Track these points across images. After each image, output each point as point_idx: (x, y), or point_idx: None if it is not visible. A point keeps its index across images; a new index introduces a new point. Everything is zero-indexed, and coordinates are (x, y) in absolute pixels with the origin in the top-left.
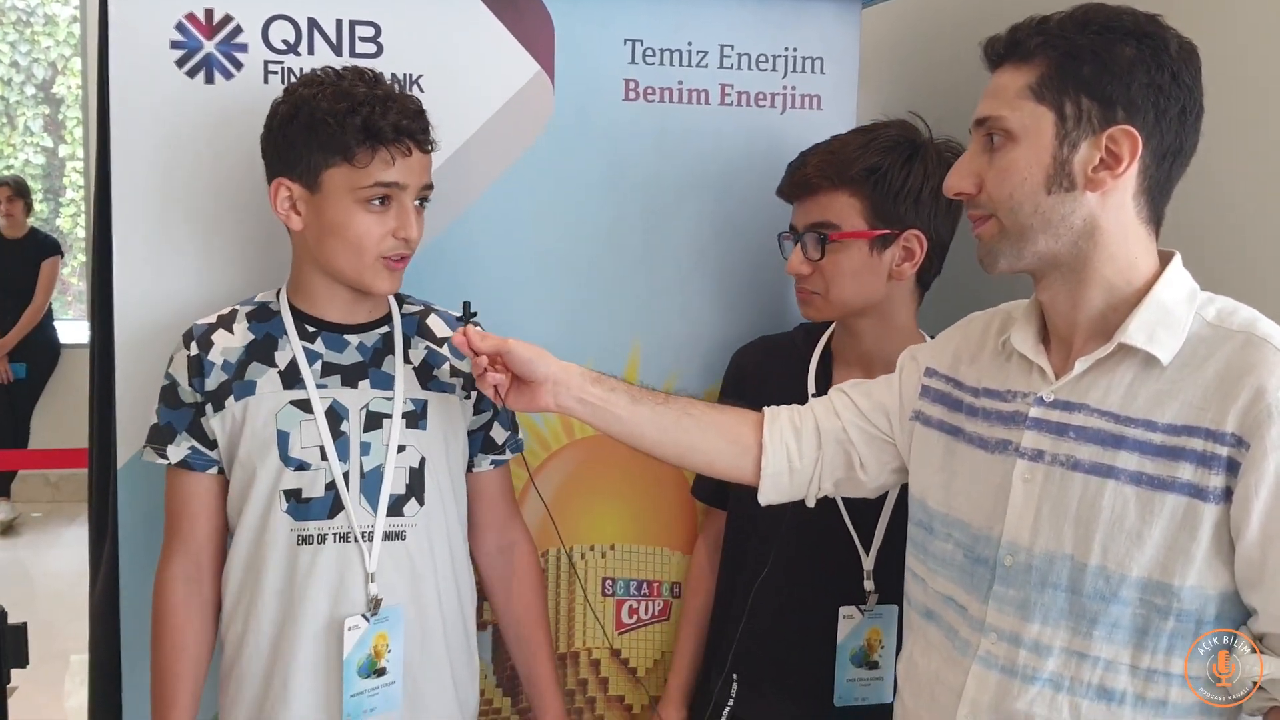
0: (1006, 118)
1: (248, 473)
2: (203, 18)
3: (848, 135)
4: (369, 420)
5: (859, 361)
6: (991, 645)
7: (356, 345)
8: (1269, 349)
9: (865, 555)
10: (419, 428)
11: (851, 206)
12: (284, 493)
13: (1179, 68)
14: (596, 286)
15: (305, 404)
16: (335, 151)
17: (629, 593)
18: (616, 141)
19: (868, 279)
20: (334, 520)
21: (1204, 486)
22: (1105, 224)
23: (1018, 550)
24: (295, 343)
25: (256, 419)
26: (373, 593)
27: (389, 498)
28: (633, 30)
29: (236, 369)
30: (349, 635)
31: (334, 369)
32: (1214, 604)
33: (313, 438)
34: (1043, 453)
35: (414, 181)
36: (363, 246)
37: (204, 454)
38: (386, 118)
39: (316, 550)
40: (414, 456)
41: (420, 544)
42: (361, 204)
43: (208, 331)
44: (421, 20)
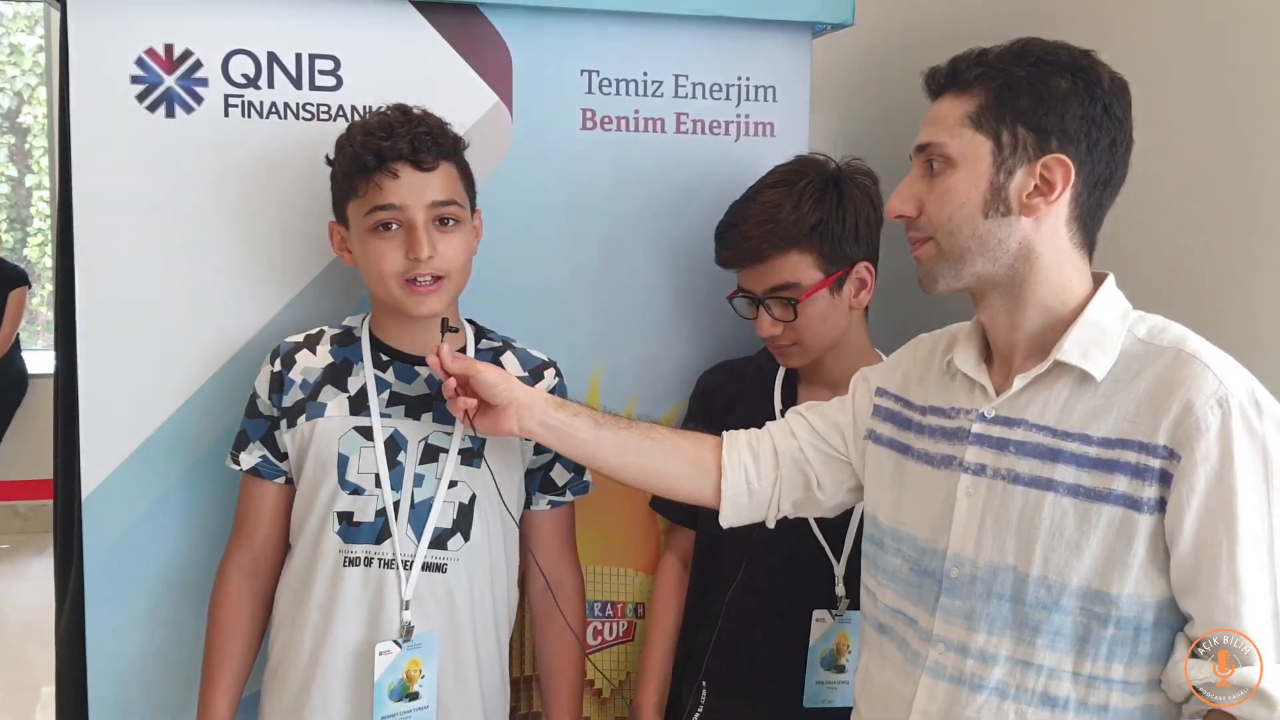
0: (946, 144)
1: (309, 492)
2: (163, 52)
3: (774, 197)
4: (426, 453)
5: (822, 381)
6: (940, 655)
7: (426, 378)
8: (1197, 364)
9: (836, 562)
10: (473, 465)
11: (805, 262)
12: (337, 514)
13: (1111, 100)
14: (557, 311)
15: (367, 431)
16: (346, 186)
17: (593, 614)
18: (574, 170)
19: (834, 319)
20: (380, 546)
21: (1138, 497)
22: (1040, 248)
23: (963, 562)
24: (368, 370)
25: (321, 440)
26: (406, 620)
27: (434, 530)
28: (589, 61)
29: (313, 389)
30: (380, 659)
31: (400, 399)
32: (1151, 611)
33: (370, 464)
34: (985, 467)
35: (414, 200)
36: (381, 272)
37: (273, 464)
38: (369, 146)
39: (363, 574)
40: (465, 492)
41: (460, 578)
42: (371, 231)
43: (293, 350)
44: (380, 53)
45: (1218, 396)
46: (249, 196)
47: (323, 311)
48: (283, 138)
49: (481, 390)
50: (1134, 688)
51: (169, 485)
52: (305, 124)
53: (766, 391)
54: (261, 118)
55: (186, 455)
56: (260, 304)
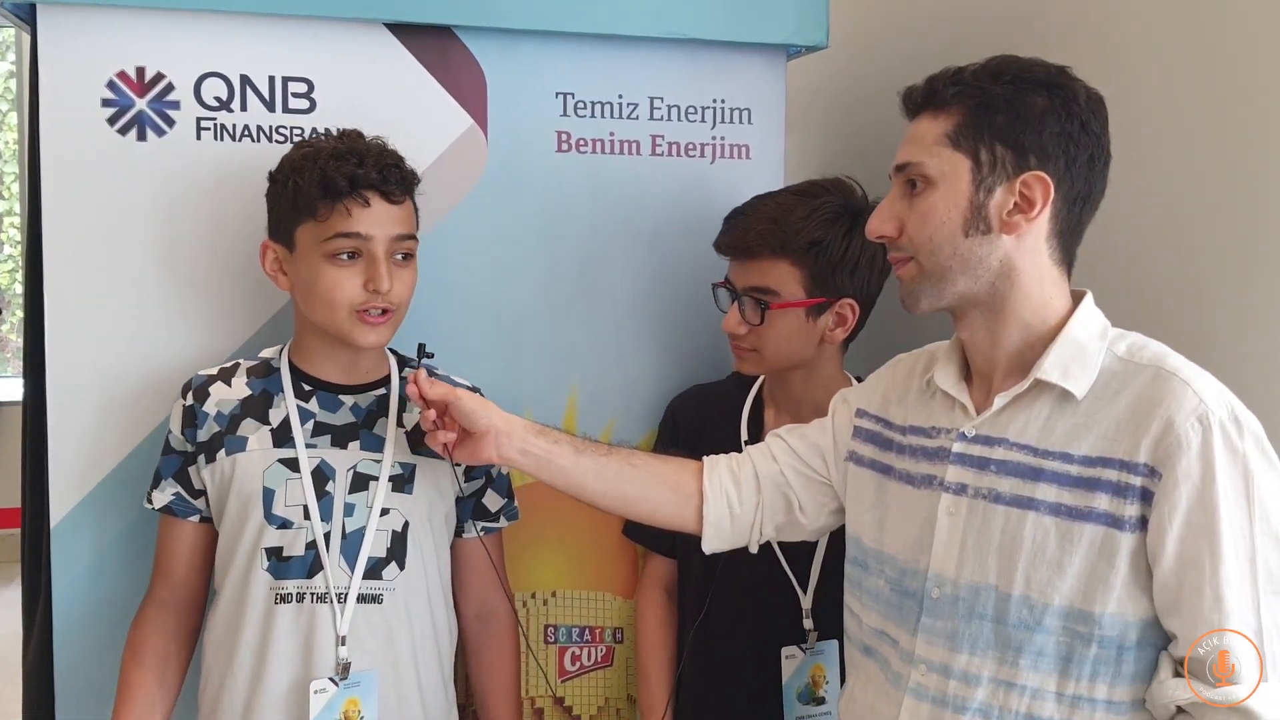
0: (925, 164)
1: (233, 528)
2: (134, 75)
3: (790, 201)
4: (355, 481)
5: (789, 407)
6: (922, 676)
7: (351, 406)
8: (1177, 381)
9: (803, 594)
10: (405, 491)
11: (791, 275)
12: (265, 550)
13: (1088, 117)
14: (533, 334)
15: (293, 462)
16: (301, 208)
17: (571, 639)
18: (550, 192)
19: (800, 342)
20: (312, 580)
21: (1120, 516)
22: (1020, 265)
23: (944, 582)
24: (290, 401)
25: (244, 475)
26: (343, 656)
27: (367, 560)
28: (564, 83)
29: (230, 422)
30: (315, 699)
31: (326, 429)
32: (1135, 630)
33: (297, 496)
34: (966, 486)
35: (379, 232)
36: (333, 300)
37: (187, 501)
38: (342, 170)
39: (294, 610)
40: (398, 520)
41: (397, 608)
42: (328, 258)
43: (206, 383)
44: (354, 76)
45: (1198, 414)
46: (222, 221)
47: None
48: (256, 161)
49: (460, 418)
50: (1118, 707)
51: (139, 513)
52: (279, 147)
53: (734, 416)
54: (234, 141)
55: None
56: (232, 330)
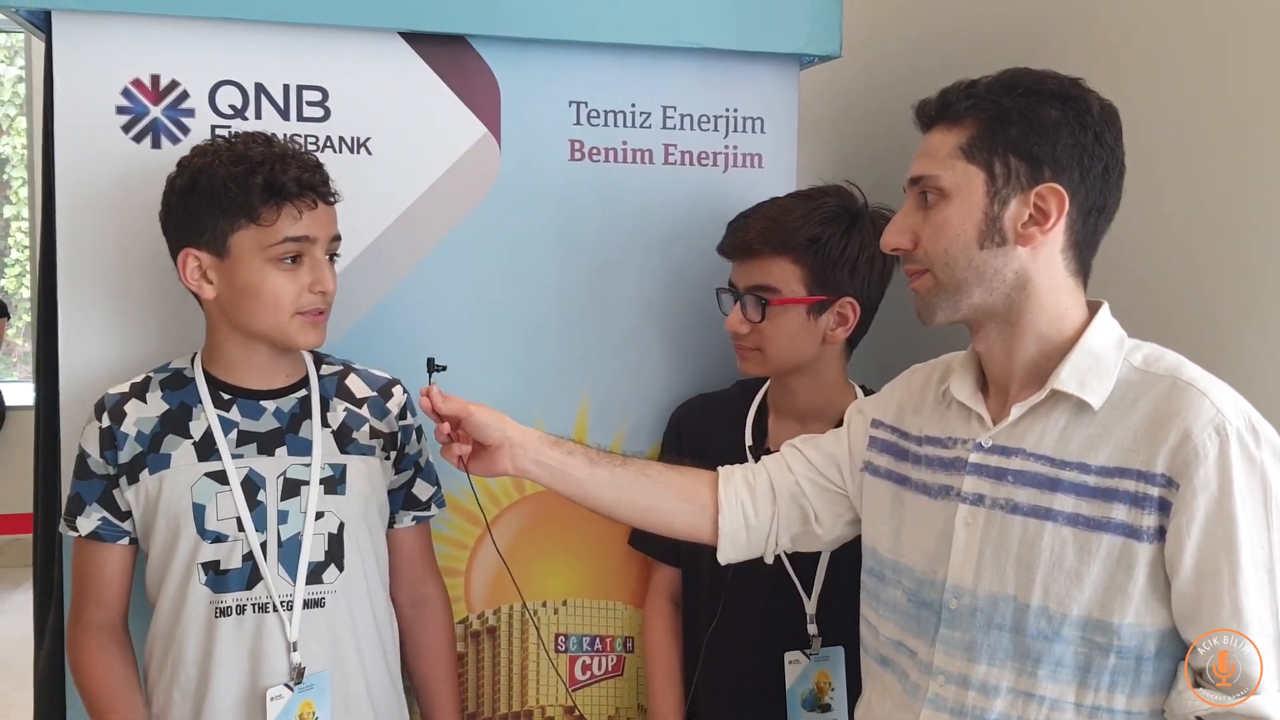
0: (940, 176)
1: (165, 546)
2: (149, 83)
3: (789, 202)
4: (286, 488)
5: (793, 414)
6: (940, 688)
7: (273, 411)
8: (1194, 392)
9: (807, 600)
10: (338, 493)
11: (792, 273)
12: (201, 565)
13: (1101, 128)
14: (544, 342)
15: (221, 475)
16: (240, 213)
17: (582, 648)
18: (562, 200)
19: (802, 341)
20: (252, 591)
21: (1138, 526)
22: (1036, 277)
23: (962, 593)
24: (210, 412)
25: (171, 493)
26: (295, 662)
27: (308, 565)
28: (577, 92)
29: (151, 441)
30: (272, 705)
31: (250, 437)
32: (1153, 640)
33: (229, 509)
34: (983, 497)
35: (322, 234)
36: (279, 304)
37: (115, 525)
38: (288, 173)
39: (236, 621)
40: (333, 522)
41: (340, 610)
42: (273, 262)
43: (120, 401)
44: (369, 84)
45: (1215, 424)
46: None
47: None
48: None
49: (474, 431)
50: (1137, 718)
51: None
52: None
53: (738, 423)
54: None
55: None
56: None
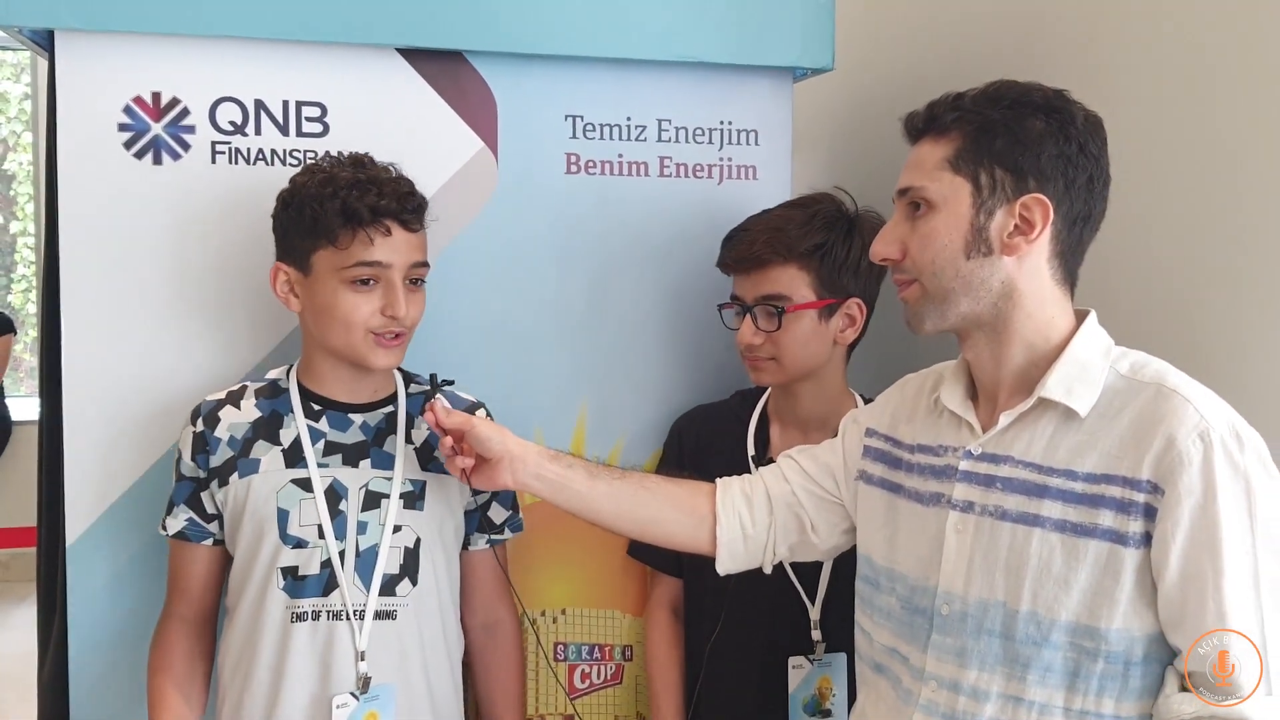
0: (927, 188)
1: (249, 549)
2: (150, 100)
3: (788, 211)
4: (367, 499)
5: (795, 422)
6: (932, 693)
7: (360, 424)
8: (1178, 399)
9: (811, 606)
10: (416, 508)
11: (801, 279)
12: (281, 570)
13: (1085, 139)
14: (543, 352)
15: (306, 483)
16: (320, 235)
17: (581, 657)
18: (559, 213)
19: (816, 345)
20: (328, 598)
21: (1124, 532)
22: (1022, 286)
23: (953, 599)
24: (300, 421)
25: (258, 497)
26: (362, 671)
27: (382, 577)
28: (573, 106)
29: (243, 446)
30: (337, 713)
31: (337, 448)
32: (1140, 645)
33: (311, 516)
34: (973, 504)
35: (398, 260)
36: (351, 324)
37: (200, 526)
38: (364, 200)
39: (311, 627)
40: (409, 537)
41: (409, 623)
42: (347, 284)
43: (215, 408)
44: (367, 100)
45: (1199, 430)
46: (235, 243)
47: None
48: (270, 184)
49: (476, 445)
50: None
51: (153, 532)
52: (293, 170)
53: (740, 433)
54: (249, 164)
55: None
56: (246, 351)
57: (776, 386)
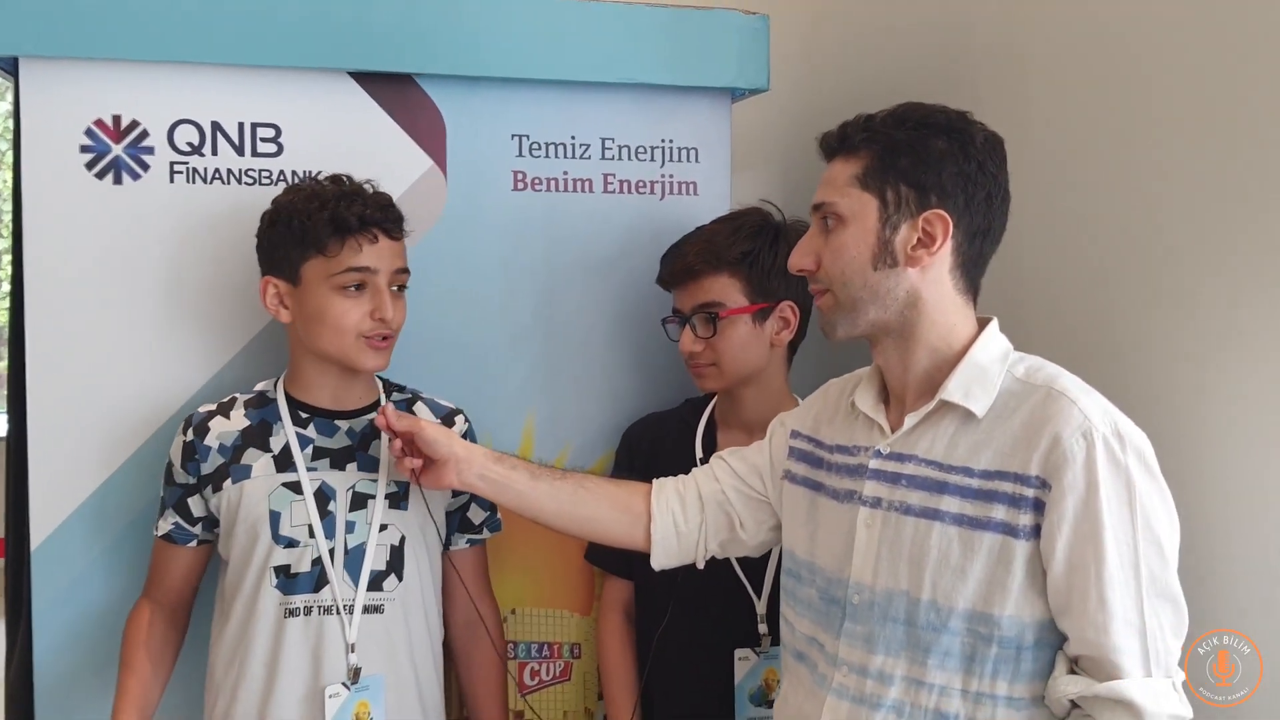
0: (838, 203)
1: (243, 550)
2: (111, 123)
3: (716, 225)
4: (355, 500)
5: (740, 426)
6: (843, 677)
7: (346, 430)
8: (1065, 401)
9: (757, 600)
10: (400, 508)
11: (733, 286)
12: (274, 568)
13: (984, 158)
14: (492, 363)
15: (296, 485)
16: (310, 245)
17: (530, 655)
18: (507, 228)
19: (753, 349)
20: (319, 594)
21: (1015, 525)
22: (926, 295)
23: (863, 589)
24: (289, 428)
25: (251, 500)
26: (352, 662)
27: (370, 573)
28: (520, 126)
29: (233, 453)
30: (330, 703)
31: (324, 452)
32: (1031, 631)
33: (301, 517)
34: (880, 500)
35: (385, 266)
36: (342, 328)
37: (186, 530)
38: (351, 209)
39: (303, 622)
40: (395, 535)
41: (397, 617)
42: (337, 290)
43: (205, 419)
44: (319, 121)
45: (1083, 430)
46: (193, 260)
47: (260, 371)
48: (226, 203)
49: (424, 446)
50: (1018, 703)
51: (114, 536)
52: (248, 189)
53: (689, 439)
54: (206, 183)
55: (131, 508)
56: (202, 364)
57: (722, 392)
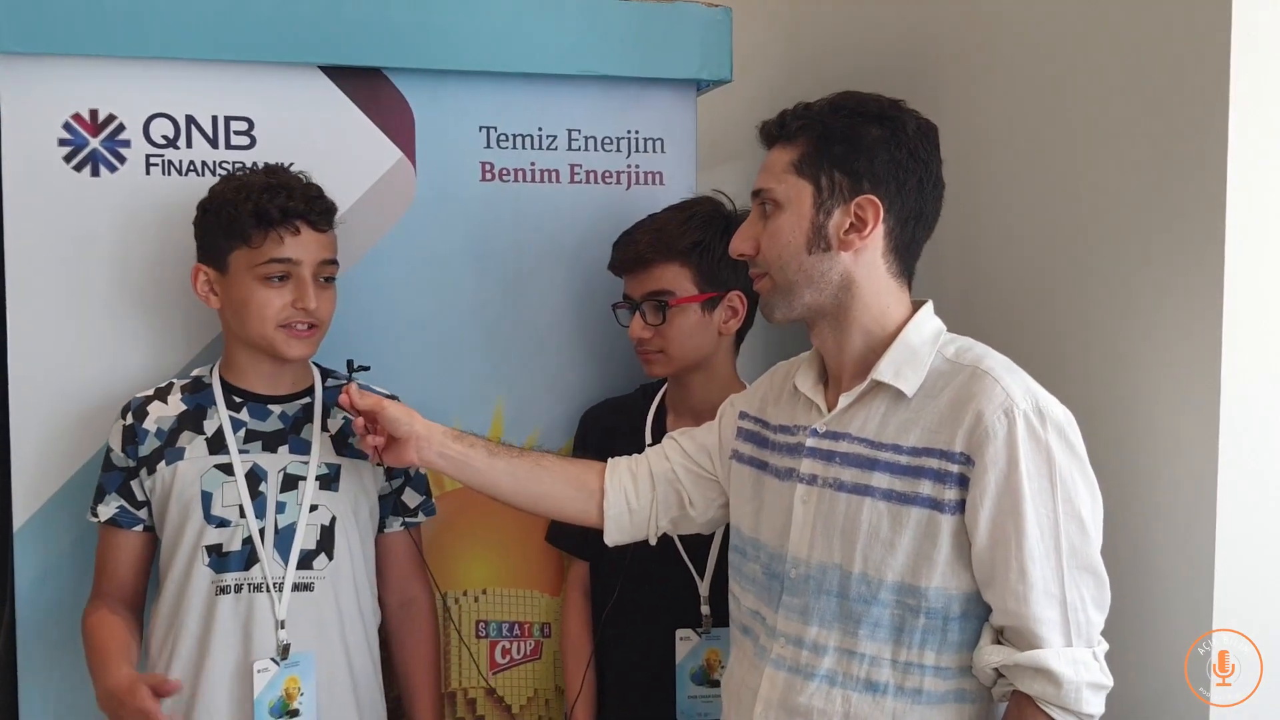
0: (775, 190)
1: (175, 530)
2: (88, 117)
3: (669, 214)
4: (285, 482)
5: (689, 411)
6: (781, 649)
7: (279, 414)
8: (989, 380)
9: (700, 581)
10: (331, 489)
11: (683, 275)
12: (205, 548)
13: (915, 145)
14: (461, 350)
15: (228, 467)
16: (235, 235)
17: (501, 634)
18: (475, 219)
19: (701, 336)
20: (249, 571)
21: (941, 500)
22: (859, 278)
23: (799, 563)
24: (223, 412)
25: (183, 481)
26: (282, 639)
27: (299, 552)
28: (487, 118)
29: (169, 436)
30: (258, 677)
31: (257, 435)
32: (957, 603)
33: (233, 497)
34: (816, 477)
35: (308, 257)
36: (264, 317)
37: (131, 513)
38: (274, 202)
39: (234, 599)
40: (325, 515)
41: (327, 595)
42: (260, 280)
43: (143, 403)
44: (291, 114)
45: (1004, 407)
46: (169, 249)
47: None
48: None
49: (386, 425)
50: (945, 673)
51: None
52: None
53: (640, 423)
54: (181, 175)
55: None
56: (179, 349)
57: (671, 378)
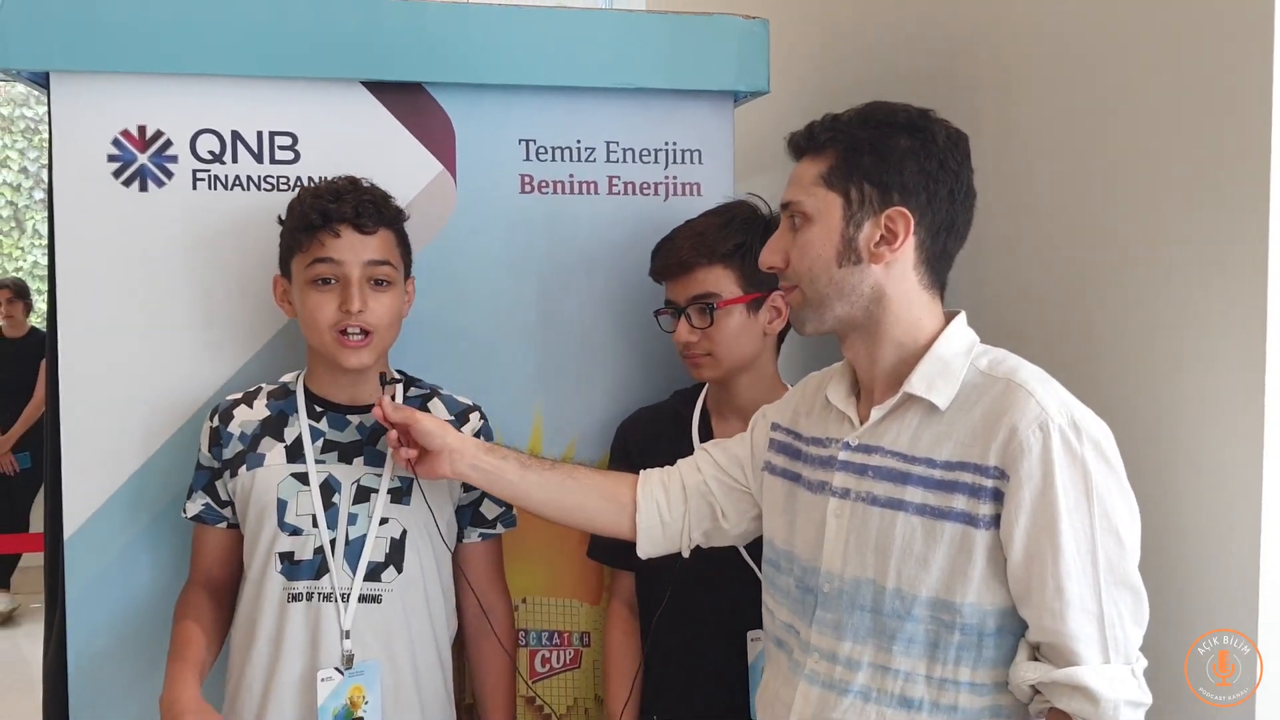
0: (804, 202)
1: (252, 534)
2: (136, 133)
3: (708, 219)
4: (358, 494)
5: (735, 413)
6: (815, 664)
7: (356, 425)
8: (1023, 393)
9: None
10: (403, 503)
11: (726, 277)
12: (279, 554)
13: (946, 155)
14: (502, 360)
15: (304, 476)
16: (292, 243)
17: (541, 643)
18: (515, 230)
19: (747, 338)
20: (319, 581)
21: (975, 514)
22: (890, 291)
23: (833, 578)
24: (303, 421)
25: (261, 487)
26: (346, 648)
27: (368, 564)
28: (527, 131)
29: (251, 441)
30: (322, 686)
31: (334, 446)
32: (993, 618)
33: (307, 507)
34: (849, 490)
35: (351, 258)
36: (316, 322)
37: (216, 510)
38: (317, 207)
39: (305, 607)
40: (396, 529)
41: (395, 608)
42: (311, 284)
43: (231, 406)
44: (335, 129)
45: (1039, 421)
46: (214, 262)
47: (280, 367)
48: (246, 208)
49: (419, 437)
50: (981, 689)
51: (142, 526)
52: (266, 195)
53: (684, 430)
54: (226, 190)
55: (158, 499)
56: (224, 361)
57: (714, 382)
